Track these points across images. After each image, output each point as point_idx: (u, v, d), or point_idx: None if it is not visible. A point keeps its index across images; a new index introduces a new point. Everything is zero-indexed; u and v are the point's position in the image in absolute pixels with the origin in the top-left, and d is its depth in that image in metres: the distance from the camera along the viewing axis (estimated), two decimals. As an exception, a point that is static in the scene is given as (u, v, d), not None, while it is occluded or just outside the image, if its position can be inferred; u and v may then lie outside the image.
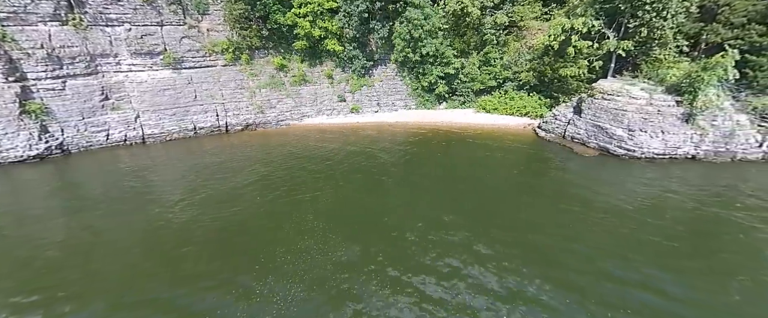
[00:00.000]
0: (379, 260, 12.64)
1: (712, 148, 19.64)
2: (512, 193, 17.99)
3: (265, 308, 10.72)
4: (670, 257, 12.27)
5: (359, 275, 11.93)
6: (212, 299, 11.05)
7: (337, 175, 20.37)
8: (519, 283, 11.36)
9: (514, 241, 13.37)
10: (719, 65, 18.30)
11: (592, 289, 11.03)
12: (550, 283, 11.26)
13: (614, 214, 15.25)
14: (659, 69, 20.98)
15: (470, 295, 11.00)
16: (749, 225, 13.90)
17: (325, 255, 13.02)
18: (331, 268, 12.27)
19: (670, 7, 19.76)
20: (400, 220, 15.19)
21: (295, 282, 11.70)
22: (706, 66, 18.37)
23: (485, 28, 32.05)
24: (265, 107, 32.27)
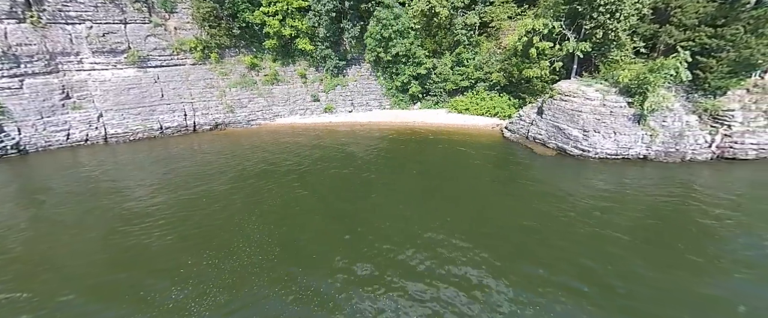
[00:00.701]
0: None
1: (662, 149, 20.09)
2: (467, 194, 18.13)
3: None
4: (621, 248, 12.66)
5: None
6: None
7: (306, 176, 20.21)
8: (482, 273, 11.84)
9: (470, 240, 13.67)
10: (665, 67, 18.74)
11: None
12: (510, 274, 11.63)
13: (566, 212, 15.63)
14: (614, 70, 21.39)
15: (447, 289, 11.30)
16: (701, 221, 14.42)
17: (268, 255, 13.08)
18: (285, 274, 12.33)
19: (622, 9, 20.13)
20: (371, 220, 15.39)
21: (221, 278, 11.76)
22: (652, 68, 18.80)
23: (456, 29, 32.22)
24: (236, 106, 32.04)
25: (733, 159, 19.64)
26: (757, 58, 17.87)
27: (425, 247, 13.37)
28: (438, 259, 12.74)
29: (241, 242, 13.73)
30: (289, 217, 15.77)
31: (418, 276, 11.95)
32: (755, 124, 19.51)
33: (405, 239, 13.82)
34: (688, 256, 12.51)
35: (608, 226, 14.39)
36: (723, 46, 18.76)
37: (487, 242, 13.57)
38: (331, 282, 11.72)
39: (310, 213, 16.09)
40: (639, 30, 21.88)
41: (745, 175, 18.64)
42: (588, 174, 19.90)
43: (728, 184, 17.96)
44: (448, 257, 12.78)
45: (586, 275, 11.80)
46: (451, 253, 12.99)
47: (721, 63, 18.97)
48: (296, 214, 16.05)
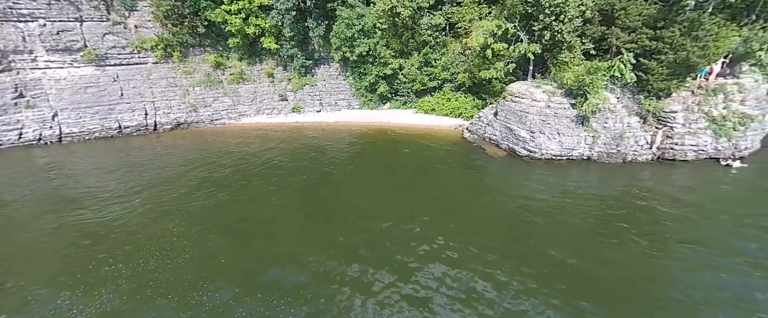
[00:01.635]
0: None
1: (604, 150, 20.30)
2: (402, 193, 18.22)
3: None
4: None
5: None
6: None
7: (253, 177, 20.21)
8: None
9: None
10: (601, 69, 18.95)
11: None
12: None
13: (508, 211, 15.88)
14: (563, 72, 21.56)
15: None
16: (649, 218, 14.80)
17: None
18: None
19: (566, 11, 20.29)
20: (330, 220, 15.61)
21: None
22: (590, 70, 18.99)
23: (422, 29, 32.24)
24: (200, 106, 31.83)
25: (672, 160, 19.92)
26: (693, 60, 18.10)
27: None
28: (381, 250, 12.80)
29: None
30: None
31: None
32: (696, 126, 19.79)
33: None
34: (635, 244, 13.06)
35: (554, 224, 14.64)
36: (662, 49, 18.98)
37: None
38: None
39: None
40: (587, 32, 22.04)
41: (684, 175, 18.92)
42: (532, 174, 20.12)
43: (668, 184, 18.24)
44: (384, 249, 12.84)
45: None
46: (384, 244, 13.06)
47: (662, 65, 19.20)
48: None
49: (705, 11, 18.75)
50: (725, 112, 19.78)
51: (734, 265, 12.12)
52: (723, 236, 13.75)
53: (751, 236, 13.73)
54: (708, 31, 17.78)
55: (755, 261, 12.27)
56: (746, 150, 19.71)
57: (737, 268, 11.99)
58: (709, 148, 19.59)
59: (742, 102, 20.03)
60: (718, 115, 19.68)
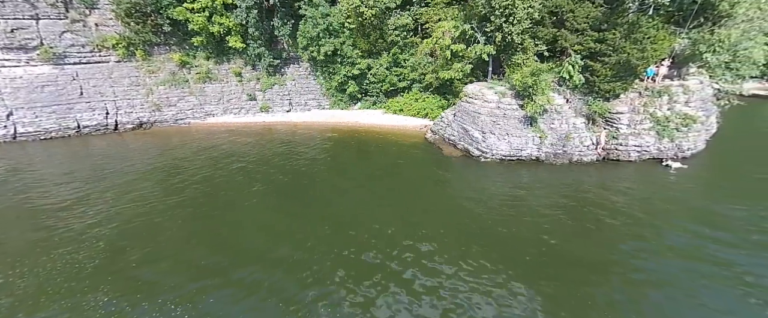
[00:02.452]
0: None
1: (551, 150, 20.53)
2: (354, 193, 18.24)
3: None
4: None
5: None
6: None
7: (215, 178, 20.07)
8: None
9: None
10: (544, 70, 19.16)
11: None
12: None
13: (459, 210, 16.05)
14: (514, 73, 21.73)
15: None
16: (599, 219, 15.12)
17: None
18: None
19: (515, 13, 20.46)
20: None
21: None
22: (534, 71, 19.18)
23: (389, 30, 32.28)
24: (164, 105, 31.51)
25: (617, 160, 20.21)
26: (633, 62, 18.38)
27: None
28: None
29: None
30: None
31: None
32: (641, 127, 20.09)
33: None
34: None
35: (505, 221, 14.92)
36: (605, 51, 19.24)
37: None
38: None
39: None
40: (539, 34, 22.24)
41: (625, 175, 19.19)
42: (480, 174, 20.31)
43: (613, 183, 18.50)
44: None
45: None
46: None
47: (606, 67, 19.46)
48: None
49: (645, 14, 19.04)
50: (669, 113, 20.13)
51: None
52: (655, 231, 14.15)
53: (680, 228, 14.27)
54: (645, 34, 18.05)
55: (681, 249, 13.00)
56: (689, 150, 20.08)
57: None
58: (652, 149, 19.92)
59: (687, 103, 20.41)
60: (662, 116, 20.02)
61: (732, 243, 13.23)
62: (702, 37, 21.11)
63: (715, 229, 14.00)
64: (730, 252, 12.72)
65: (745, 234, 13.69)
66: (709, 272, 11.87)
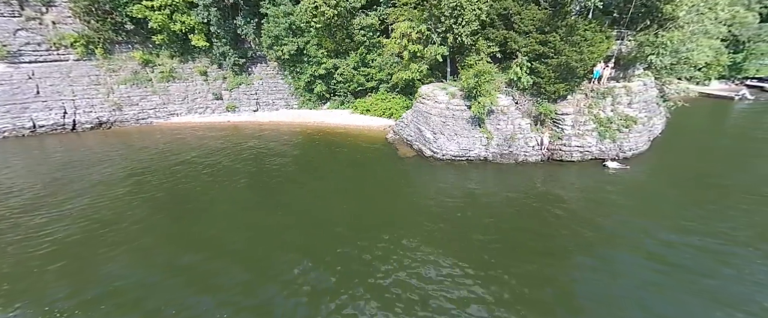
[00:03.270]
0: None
1: (498, 151, 20.79)
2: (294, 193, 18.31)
3: None
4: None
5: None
6: None
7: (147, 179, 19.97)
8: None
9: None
10: (487, 72, 19.40)
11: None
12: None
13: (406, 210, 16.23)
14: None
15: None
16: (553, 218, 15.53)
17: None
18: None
19: (464, 14, 20.65)
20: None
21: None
22: (477, 73, 19.41)
23: (354, 29, 32.28)
24: (125, 104, 31.14)
25: (561, 161, 20.56)
26: (572, 64, 18.70)
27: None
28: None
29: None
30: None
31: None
32: (584, 128, 20.46)
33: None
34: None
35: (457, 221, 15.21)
36: (548, 53, 19.53)
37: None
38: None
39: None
40: (490, 36, 22.46)
41: (568, 174, 19.56)
42: (431, 173, 20.52)
43: (553, 182, 18.84)
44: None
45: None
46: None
47: (549, 68, 19.76)
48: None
49: (584, 18, 19.38)
50: (612, 114, 20.53)
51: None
52: (593, 226, 14.76)
53: (614, 222, 14.95)
54: (582, 37, 18.38)
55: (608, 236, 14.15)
56: (630, 151, 20.52)
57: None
58: (594, 150, 20.30)
59: (629, 105, 20.84)
60: (605, 117, 20.40)
61: (651, 233, 14.20)
62: (647, 39, 21.58)
63: (639, 221, 14.86)
64: (651, 242, 13.71)
65: (661, 228, 14.38)
66: (636, 260, 12.86)
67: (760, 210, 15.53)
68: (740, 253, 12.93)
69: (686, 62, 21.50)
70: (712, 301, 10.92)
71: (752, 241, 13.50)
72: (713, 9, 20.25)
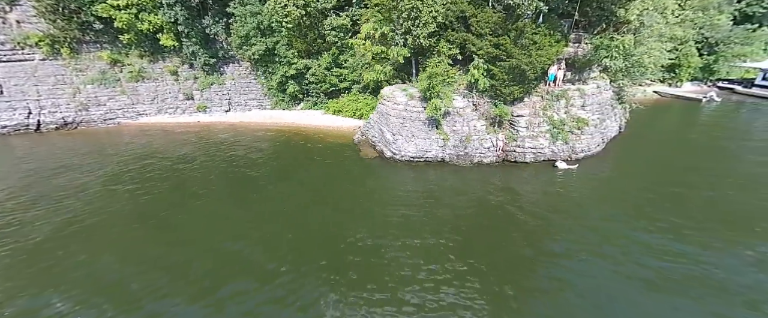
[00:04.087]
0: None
1: (454, 152, 21.01)
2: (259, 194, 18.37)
3: None
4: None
5: None
6: None
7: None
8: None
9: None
10: (439, 75, 19.60)
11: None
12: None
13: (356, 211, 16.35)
14: (426, 76, 22.06)
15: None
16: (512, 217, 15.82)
17: None
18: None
19: (420, 16, 20.82)
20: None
21: None
22: (429, 75, 19.61)
23: (325, 30, 32.32)
24: (92, 104, 30.88)
25: (515, 162, 20.83)
26: (522, 67, 18.96)
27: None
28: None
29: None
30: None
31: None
32: (538, 130, 20.74)
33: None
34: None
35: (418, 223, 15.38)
36: (500, 56, 19.76)
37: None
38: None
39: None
40: (450, 38, 22.62)
41: (521, 174, 19.85)
42: (389, 173, 20.72)
43: (505, 182, 19.12)
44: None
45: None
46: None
47: (502, 71, 19.99)
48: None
49: (533, 21, 19.65)
50: (565, 116, 20.83)
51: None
52: (545, 223, 15.24)
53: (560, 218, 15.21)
54: (531, 40, 18.63)
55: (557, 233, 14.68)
56: (582, 153, 20.85)
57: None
58: (547, 151, 20.59)
59: (582, 107, 21.16)
60: (558, 119, 20.70)
61: (592, 228, 14.88)
62: (602, 42, 21.92)
63: (583, 217, 15.49)
64: (592, 236, 14.45)
65: (600, 223, 14.96)
66: (578, 252, 13.58)
67: (688, 207, 16.11)
68: (657, 243, 13.67)
69: (639, 65, 21.86)
70: (646, 288, 11.69)
71: (674, 230, 14.23)
72: (663, 14, 20.60)
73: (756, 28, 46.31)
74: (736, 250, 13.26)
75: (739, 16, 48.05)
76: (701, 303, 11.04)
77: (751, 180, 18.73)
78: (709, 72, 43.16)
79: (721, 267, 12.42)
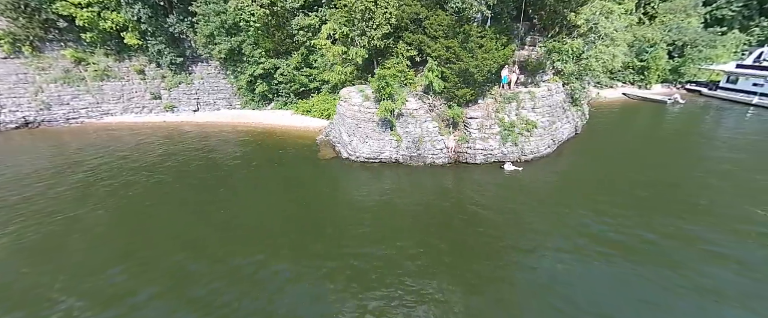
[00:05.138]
0: None
1: (408, 153, 21.24)
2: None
3: None
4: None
5: None
6: None
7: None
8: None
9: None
10: (387, 76, 19.79)
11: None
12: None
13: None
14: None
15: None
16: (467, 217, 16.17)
17: None
18: None
19: (374, 18, 20.96)
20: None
21: None
22: (379, 76, 19.80)
23: (293, 30, 32.30)
24: (54, 104, 30.54)
25: (466, 163, 21.13)
26: (470, 70, 19.23)
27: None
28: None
29: None
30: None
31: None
32: (489, 131, 21.06)
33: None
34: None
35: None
36: (450, 58, 20.00)
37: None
38: None
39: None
40: (406, 39, 22.80)
41: (472, 175, 20.16)
42: (344, 174, 20.89)
43: (457, 183, 19.42)
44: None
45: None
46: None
47: (453, 73, 20.24)
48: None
49: (480, 25, 19.93)
50: (515, 118, 21.18)
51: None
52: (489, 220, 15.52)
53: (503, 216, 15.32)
54: (477, 44, 18.90)
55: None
56: (531, 154, 21.22)
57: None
58: (497, 152, 20.92)
59: (533, 109, 21.52)
60: (509, 121, 21.03)
61: (531, 227, 15.39)
62: (554, 46, 22.30)
63: (524, 217, 15.79)
64: (530, 235, 14.77)
65: (542, 221, 15.38)
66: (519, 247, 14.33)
67: (624, 203, 16.65)
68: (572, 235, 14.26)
69: (589, 69, 22.29)
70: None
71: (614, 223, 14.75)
72: (609, 18, 21.03)
73: (726, 31, 47.44)
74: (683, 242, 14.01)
75: (710, 19, 49.15)
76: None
77: (683, 179, 19.32)
78: (678, 74, 44.03)
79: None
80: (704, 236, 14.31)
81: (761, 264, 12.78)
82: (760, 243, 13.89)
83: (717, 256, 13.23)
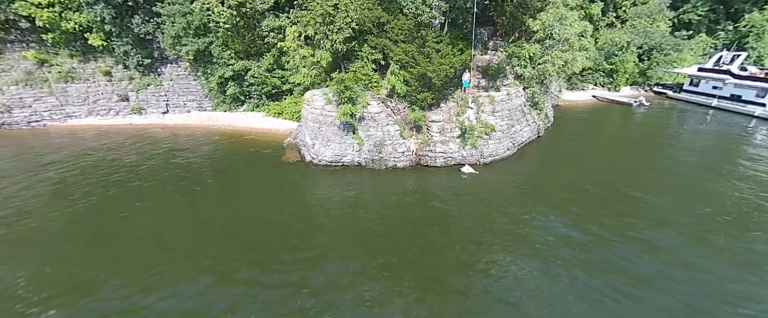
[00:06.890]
0: None
1: (369, 156, 21.44)
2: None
3: None
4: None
5: None
6: None
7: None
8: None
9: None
10: (346, 79, 19.98)
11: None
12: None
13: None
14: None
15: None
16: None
17: None
18: None
19: (336, 22, 21.08)
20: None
21: None
22: (338, 80, 19.97)
23: (263, 31, 32.10)
24: (15, 106, 29.73)
25: (427, 166, 21.45)
26: (428, 74, 19.54)
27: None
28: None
29: None
30: None
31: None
32: (450, 134, 21.41)
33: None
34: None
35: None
36: (410, 62, 20.26)
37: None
38: None
39: None
40: (370, 43, 22.97)
41: (432, 177, 20.46)
42: (306, 178, 20.90)
43: (420, 185, 19.68)
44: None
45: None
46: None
47: (413, 77, 20.51)
48: None
49: (436, 30, 20.26)
50: (475, 122, 21.58)
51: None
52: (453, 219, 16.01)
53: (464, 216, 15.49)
54: (434, 49, 19.22)
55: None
56: (490, 157, 21.67)
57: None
58: (457, 155, 21.30)
59: (492, 113, 21.97)
60: (469, 125, 21.41)
61: (486, 227, 15.79)
62: (513, 51, 22.81)
63: (477, 217, 16.28)
64: (488, 234, 15.20)
65: (497, 220, 15.82)
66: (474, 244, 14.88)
67: (577, 201, 17.23)
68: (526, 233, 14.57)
69: (546, 73, 22.86)
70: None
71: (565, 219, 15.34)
72: (563, 24, 21.61)
73: (693, 35, 49.11)
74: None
75: (678, 23, 50.79)
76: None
77: (633, 177, 20.04)
78: (645, 77, 45.37)
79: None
80: (644, 233, 15.01)
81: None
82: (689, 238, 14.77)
83: (652, 247, 14.17)
